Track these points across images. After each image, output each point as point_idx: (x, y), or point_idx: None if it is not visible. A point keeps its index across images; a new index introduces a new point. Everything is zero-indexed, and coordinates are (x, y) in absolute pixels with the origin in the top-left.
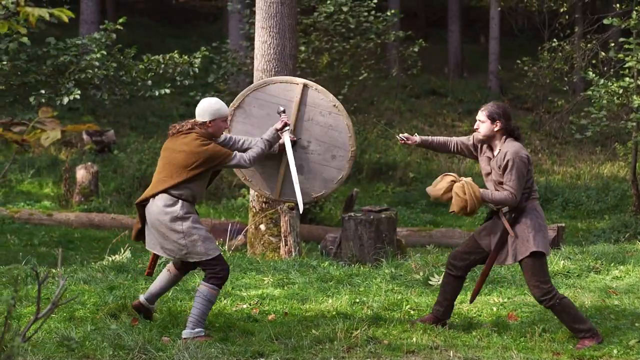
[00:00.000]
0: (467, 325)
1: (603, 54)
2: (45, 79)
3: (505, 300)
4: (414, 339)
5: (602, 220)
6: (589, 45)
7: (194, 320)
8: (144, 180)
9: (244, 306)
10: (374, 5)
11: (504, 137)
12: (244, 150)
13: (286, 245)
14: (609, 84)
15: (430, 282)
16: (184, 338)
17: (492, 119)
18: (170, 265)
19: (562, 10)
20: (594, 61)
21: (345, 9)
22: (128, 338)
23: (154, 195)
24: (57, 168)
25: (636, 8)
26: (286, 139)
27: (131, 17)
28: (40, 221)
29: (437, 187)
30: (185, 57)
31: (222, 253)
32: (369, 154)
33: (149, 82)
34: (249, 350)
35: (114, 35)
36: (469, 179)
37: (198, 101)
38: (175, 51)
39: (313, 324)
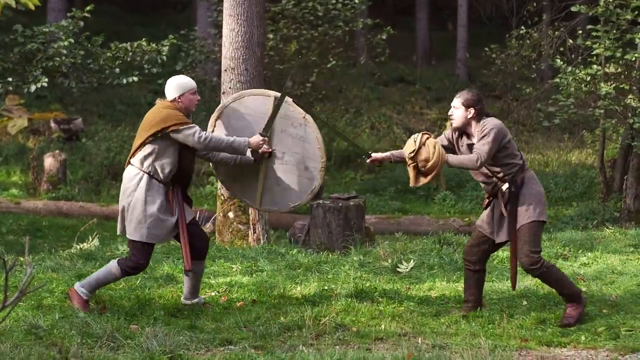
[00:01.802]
0: (435, 312)
1: (571, 41)
2: (12, 67)
3: None
4: (382, 326)
5: (570, 207)
6: (556, 32)
7: (89, 281)
8: (112, 168)
9: (213, 294)
10: None
11: (479, 121)
12: (220, 159)
13: (255, 232)
14: (577, 71)
15: (398, 269)
16: (74, 286)
17: (467, 105)
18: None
19: None
20: (561, 49)
21: None
22: (96, 326)
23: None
24: (25, 156)
25: None
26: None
27: (99, 4)
28: (8, 209)
29: (411, 142)
30: (153, 45)
31: (150, 249)
32: (337, 142)
33: (117, 70)
34: (218, 338)
35: (82, 23)
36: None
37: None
38: (143, 39)
39: (281, 312)
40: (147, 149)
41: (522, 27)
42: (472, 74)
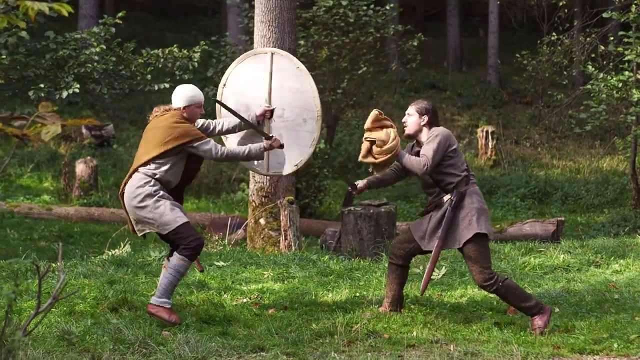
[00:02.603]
0: (467, 319)
1: (602, 47)
2: (44, 73)
3: None
4: (414, 333)
5: (602, 214)
6: (588, 38)
7: (162, 290)
8: None
9: (244, 300)
10: (373, 0)
11: (430, 128)
12: (224, 133)
13: (286, 239)
14: (608, 77)
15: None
16: (150, 303)
17: (421, 113)
18: (165, 261)
19: (561, 3)
20: (593, 55)
21: (344, 2)
22: (128, 332)
23: (130, 177)
24: (57, 162)
25: (635, 2)
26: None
27: (130, 11)
28: (39, 215)
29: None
30: (185, 52)
31: (189, 222)
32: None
33: (148, 76)
34: (249, 345)
35: (113, 30)
36: None
37: None
38: (175, 45)
39: (313, 318)
40: (160, 161)
41: (554, 34)
42: (503, 80)
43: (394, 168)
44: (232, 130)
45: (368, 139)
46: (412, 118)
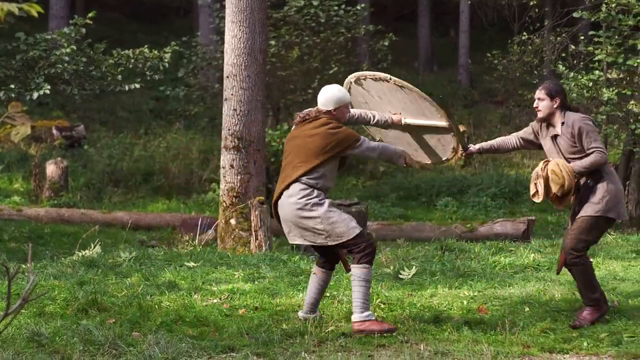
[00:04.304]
0: (437, 318)
1: (573, 47)
2: (14, 74)
3: (476, 293)
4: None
5: None
6: (558, 38)
7: (359, 304)
8: (114, 175)
9: (215, 301)
10: (344, 0)
11: (563, 112)
12: (353, 120)
13: (257, 239)
14: (579, 77)
15: (400, 276)
16: (354, 322)
17: (551, 95)
18: (315, 268)
19: (532, 3)
20: (563, 54)
21: (315, 2)
22: (98, 333)
23: (287, 187)
24: (27, 163)
25: (605, 1)
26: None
27: (101, 12)
28: (9, 216)
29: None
30: (155, 52)
31: (363, 230)
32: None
33: (119, 76)
34: (220, 345)
35: (84, 30)
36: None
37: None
38: (145, 46)
39: (284, 319)
40: (320, 169)
41: (524, 33)
42: (474, 79)
43: (517, 142)
44: (363, 120)
45: (555, 199)
46: (544, 102)
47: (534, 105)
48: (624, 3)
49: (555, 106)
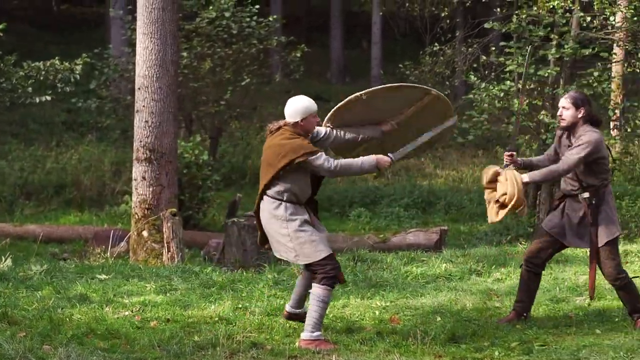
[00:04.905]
0: (349, 329)
1: (484, 57)
2: None
3: (388, 303)
4: (297, 344)
5: (484, 223)
6: (470, 49)
7: (311, 323)
8: (25, 187)
9: (126, 313)
10: (256, 11)
11: (585, 124)
12: (343, 141)
13: (169, 251)
14: (490, 87)
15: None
16: (303, 339)
17: (577, 105)
18: (303, 271)
19: (443, 14)
20: (475, 65)
21: (227, 14)
22: (8, 347)
23: (261, 198)
24: None
25: (516, 12)
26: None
27: (12, 23)
28: None
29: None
30: (66, 64)
31: (332, 252)
32: (252, 159)
33: (30, 89)
34: (131, 358)
35: None
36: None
37: (80, 108)
38: (56, 58)
39: (195, 330)
40: (281, 180)
41: (436, 44)
42: None
43: (551, 158)
44: (354, 140)
45: (494, 202)
46: (568, 112)
47: (558, 114)
48: (534, 14)
49: (579, 116)
